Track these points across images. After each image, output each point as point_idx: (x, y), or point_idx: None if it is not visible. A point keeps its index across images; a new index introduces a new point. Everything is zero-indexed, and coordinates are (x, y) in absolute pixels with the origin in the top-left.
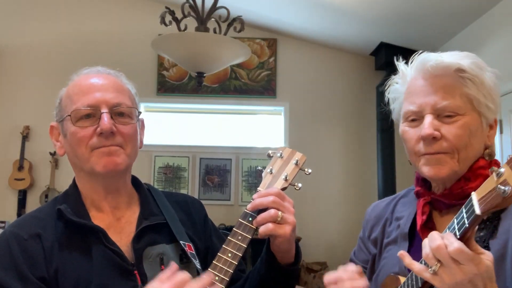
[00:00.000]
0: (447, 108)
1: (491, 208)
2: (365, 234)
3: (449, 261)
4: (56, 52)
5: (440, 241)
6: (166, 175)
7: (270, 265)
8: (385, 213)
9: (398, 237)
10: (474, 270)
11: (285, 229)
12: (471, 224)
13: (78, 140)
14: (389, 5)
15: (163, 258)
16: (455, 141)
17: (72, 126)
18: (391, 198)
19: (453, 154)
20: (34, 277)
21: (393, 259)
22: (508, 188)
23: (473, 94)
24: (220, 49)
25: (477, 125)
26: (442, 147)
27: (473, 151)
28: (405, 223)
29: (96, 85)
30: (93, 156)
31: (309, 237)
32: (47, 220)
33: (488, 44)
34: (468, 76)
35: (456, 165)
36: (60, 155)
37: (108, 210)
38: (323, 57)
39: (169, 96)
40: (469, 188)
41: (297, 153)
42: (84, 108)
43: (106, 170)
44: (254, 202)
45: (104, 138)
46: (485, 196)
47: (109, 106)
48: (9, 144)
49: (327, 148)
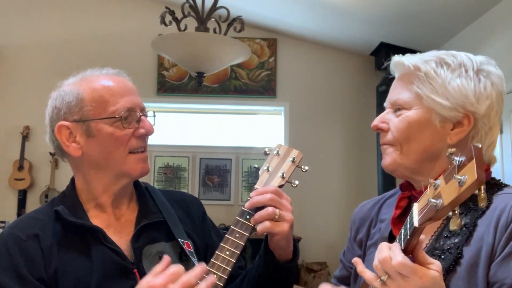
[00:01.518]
0: (396, 102)
1: (427, 220)
2: (352, 234)
3: (394, 273)
4: (56, 52)
5: (387, 253)
6: (166, 175)
7: (268, 262)
8: (370, 214)
9: (378, 240)
10: (419, 282)
11: (282, 226)
12: (412, 236)
13: (117, 141)
14: (389, 5)
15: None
16: (395, 133)
17: (109, 127)
18: (378, 198)
19: (396, 146)
20: (33, 277)
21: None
22: (439, 201)
23: (419, 91)
24: (220, 49)
25: (422, 121)
26: (386, 139)
27: (419, 145)
28: (386, 226)
29: (127, 88)
30: (129, 159)
31: (309, 237)
32: (45, 221)
33: (488, 44)
34: (420, 74)
35: (399, 157)
36: (76, 155)
37: (110, 210)
38: (323, 57)
39: (169, 96)
40: None
41: (294, 150)
42: (125, 110)
43: (140, 175)
44: (252, 200)
45: (143, 140)
46: (423, 208)
47: (140, 109)
48: (9, 144)
49: (327, 148)
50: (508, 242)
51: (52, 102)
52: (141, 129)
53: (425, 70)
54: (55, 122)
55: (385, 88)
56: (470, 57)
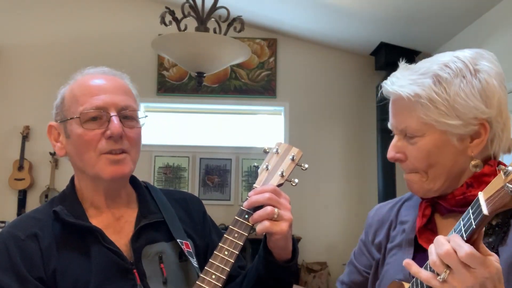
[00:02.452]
0: (406, 130)
1: (499, 208)
2: (368, 238)
3: (459, 266)
4: (56, 52)
5: (448, 246)
6: (166, 175)
7: (267, 261)
8: (389, 216)
9: (403, 242)
10: (485, 273)
11: (281, 226)
12: (478, 225)
13: (85, 142)
14: (389, 5)
15: (162, 257)
16: (416, 163)
17: (79, 128)
18: (395, 201)
19: (421, 173)
20: (32, 277)
21: (397, 265)
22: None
23: (427, 119)
24: (220, 49)
25: (440, 144)
26: (409, 168)
27: (443, 168)
28: (410, 228)
29: (104, 86)
30: (100, 161)
31: (309, 237)
32: (45, 221)
33: (488, 44)
34: (422, 101)
35: (426, 183)
36: (60, 156)
37: (108, 211)
38: (323, 57)
39: (169, 96)
40: (471, 195)
41: (293, 148)
42: (93, 110)
43: (112, 178)
44: (250, 200)
45: (113, 142)
46: (492, 196)
47: (117, 109)
48: (9, 144)
49: (327, 148)
50: None
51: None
52: (108, 131)
53: (426, 95)
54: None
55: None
56: (461, 58)
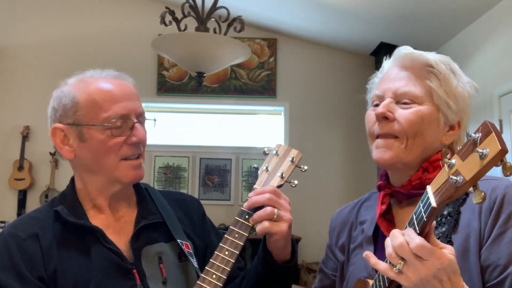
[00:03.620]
0: (406, 94)
1: (446, 199)
2: (332, 241)
3: (411, 257)
4: (56, 52)
5: (402, 238)
6: (166, 175)
7: (267, 262)
8: (350, 218)
9: (363, 241)
10: (437, 264)
11: (281, 226)
12: (428, 217)
13: (108, 148)
14: (389, 5)
15: (162, 257)
16: (405, 125)
17: (101, 134)
18: (354, 202)
19: (402, 139)
20: (33, 276)
21: (360, 263)
22: (460, 178)
23: (434, 88)
24: (220, 49)
25: (432, 118)
26: (393, 129)
27: (423, 141)
28: (368, 226)
29: (124, 93)
30: (121, 167)
31: (309, 237)
32: (45, 221)
33: (488, 44)
34: (434, 71)
35: (402, 151)
36: (68, 158)
37: (109, 211)
38: (323, 57)
39: (169, 96)
40: (427, 179)
41: (293, 150)
42: (118, 118)
43: (132, 182)
44: (250, 200)
45: (136, 148)
46: (439, 188)
47: (136, 115)
48: (9, 144)
49: (327, 148)
50: (494, 226)
51: (52, 102)
52: (133, 137)
53: (441, 69)
54: (53, 123)
55: None
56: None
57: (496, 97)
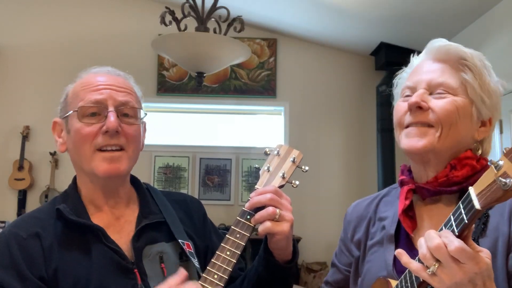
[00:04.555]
0: (441, 85)
1: (492, 202)
2: (348, 235)
3: (449, 260)
4: (56, 52)
5: (439, 239)
6: (166, 175)
7: (268, 262)
8: (368, 213)
9: (384, 239)
10: (475, 269)
11: (283, 226)
12: (470, 220)
13: (82, 137)
14: (389, 5)
15: (163, 257)
16: (441, 114)
17: (78, 122)
18: (372, 197)
19: (437, 128)
20: (34, 276)
21: (379, 262)
22: (509, 181)
23: (469, 81)
24: (220, 49)
25: (466, 111)
26: (427, 118)
27: (457, 134)
28: (390, 224)
29: (104, 83)
30: (95, 158)
31: (309, 237)
32: (46, 220)
33: (488, 44)
34: (469, 64)
35: (436, 140)
36: (61, 151)
37: (107, 210)
38: (323, 57)
39: (169, 96)
40: (455, 176)
41: (294, 150)
42: (91, 104)
43: (107, 175)
44: (252, 200)
45: (109, 137)
46: (484, 190)
47: (115, 105)
48: (9, 144)
49: (327, 148)
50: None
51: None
52: (104, 126)
53: (477, 63)
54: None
55: (385, 88)
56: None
57: None
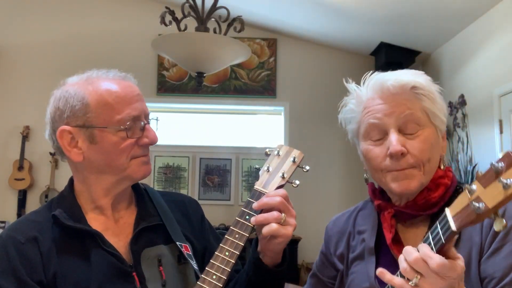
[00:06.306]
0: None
1: (467, 224)
2: (330, 250)
3: (430, 273)
4: (56, 52)
5: (417, 253)
6: (166, 175)
7: (257, 266)
8: (347, 227)
9: (365, 252)
10: (454, 275)
11: (287, 230)
12: (447, 240)
13: (121, 150)
14: (389, 5)
15: (161, 259)
16: (420, 156)
17: (114, 136)
18: (349, 211)
19: (420, 167)
20: (32, 281)
21: (361, 274)
22: (481, 205)
23: (430, 108)
24: (220, 49)
25: (435, 138)
26: (409, 163)
27: (435, 162)
28: (369, 237)
29: (134, 95)
30: (132, 164)
31: (309, 237)
32: (44, 224)
33: (487, 44)
34: (423, 92)
35: (423, 177)
36: (76, 161)
37: (109, 213)
38: (323, 57)
39: (169, 96)
40: (432, 197)
41: (295, 150)
42: (130, 120)
43: (143, 177)
44: (261, 201)
45: (146, 148)
46: (459, 213)
47: (145, 116)
48: (9, 144)
49: (327, 148)
50: (493, 239)
51: (55, 102)
52: (145, 139)
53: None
54: (57, 124)
55: None
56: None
57: (496, 97)
